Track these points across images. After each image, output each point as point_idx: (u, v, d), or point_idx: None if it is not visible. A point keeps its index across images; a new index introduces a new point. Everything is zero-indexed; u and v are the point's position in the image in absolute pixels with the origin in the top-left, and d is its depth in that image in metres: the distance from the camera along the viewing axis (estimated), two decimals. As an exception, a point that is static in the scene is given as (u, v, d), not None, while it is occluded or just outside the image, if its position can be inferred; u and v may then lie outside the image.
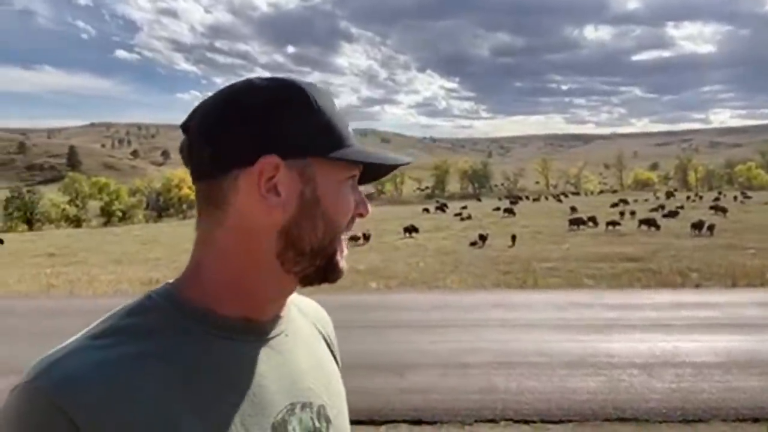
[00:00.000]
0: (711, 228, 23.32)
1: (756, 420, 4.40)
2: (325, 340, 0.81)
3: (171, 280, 0.66)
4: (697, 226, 23.81)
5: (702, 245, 19.04)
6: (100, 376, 0.52)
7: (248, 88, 0.64)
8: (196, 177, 0.64)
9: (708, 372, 5.50)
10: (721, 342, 6.52)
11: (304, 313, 0.79)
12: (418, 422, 4.49)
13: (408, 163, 0.71)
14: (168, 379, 0.56)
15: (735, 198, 53.60)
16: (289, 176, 0.62)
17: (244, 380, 0.61)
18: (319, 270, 0.66)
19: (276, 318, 0.69)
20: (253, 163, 0.61)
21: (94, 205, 68.09)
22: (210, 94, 0.67)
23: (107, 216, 66.01)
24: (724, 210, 34.44)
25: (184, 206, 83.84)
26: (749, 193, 60.21)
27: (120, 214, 67.13)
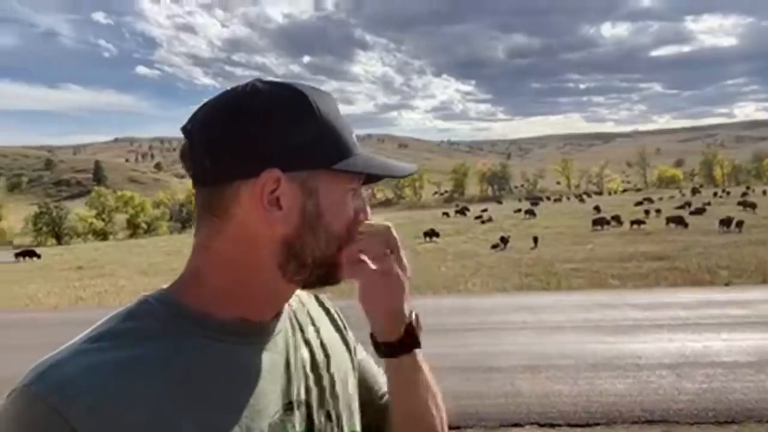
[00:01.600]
0: (740, 224, 22.72)
1: (792, 420, 4.25)
2: (332, 327, 0.80)
3: (165, 285, 0.66)
4: (726, 222, 23.22)
5: (731, 242, 18.56)
6: (97, 380, 0.52)
7: (250, 93, 0.63)
8: (197, 183, 0.64)
9: (740, 372, 5.35)
10: (752, 341, 6.34)
11: (307, 308, 0.78)
12: (442, 427, 4.46)
13: (412, 173, 0.71)
14: (164, 382, 0.56)
15: (764, 192, 52.17)
16: (291, 189, 0.62)
17: (241, 382, 0.61)
18: (321, 278, 0.66)
19: (275, 318, 0.69)
20: (254, 174, 0.60)
21: (120, 218, 69.51)
22: None
23: (133, 228, 67.32)
24: (753, 205, 33.54)
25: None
26: (779, 187, 58.48)
27: (145, 226, 68.38)
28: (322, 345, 0.76)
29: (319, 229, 0.63)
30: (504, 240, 21.92)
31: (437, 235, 27.03)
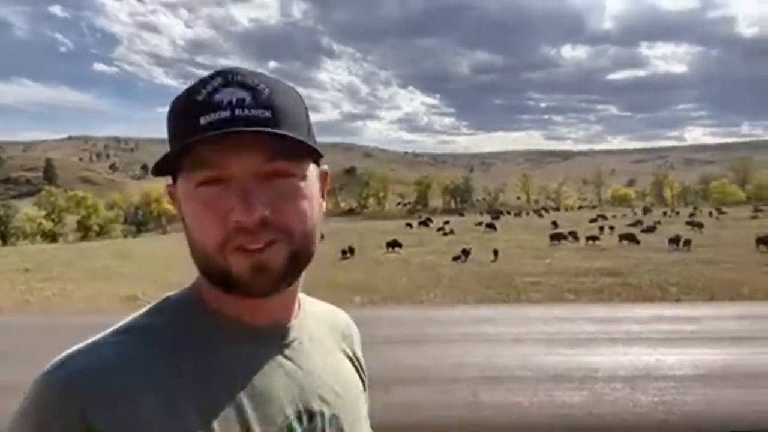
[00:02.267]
0: (688, 243, 23.82)
1: (738, 432, 4.45)
2: (347, 353, 0.80)
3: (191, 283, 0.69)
4: (675, 241, 24.31)
5: (680, 260, 19.41)
6: (112, 372, 0.55)
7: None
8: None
9: (690, 385, 5.57)
10: (701, 355, 6.62)
11: (324, 321, 0.78)
12: (404, 438, 4.45)
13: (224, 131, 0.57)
14: (175, 378, 0.57)
15: (710, 214, 54.87)
16: (175, 197, 0.65)
17: (250, 385, 0.61)
18: (224, 286, 0.62)
19: (283, 325, 0.69)
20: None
21: (71, 220, 66.71)
22: None
23: (84, 230, 64.66)
24: (700, 225, 35.25)
25: (164, 221, 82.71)
26: (723, 209, 61.70)
27: (97, 228, 65.78)
28: (337, 357, 0.77)
29: (189, 236, 0.63)
30: (465, 252, 22.25)
31: (400, 245, 27.20)
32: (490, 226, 41.82)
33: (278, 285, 0.61)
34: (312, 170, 0.65)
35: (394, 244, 26.95)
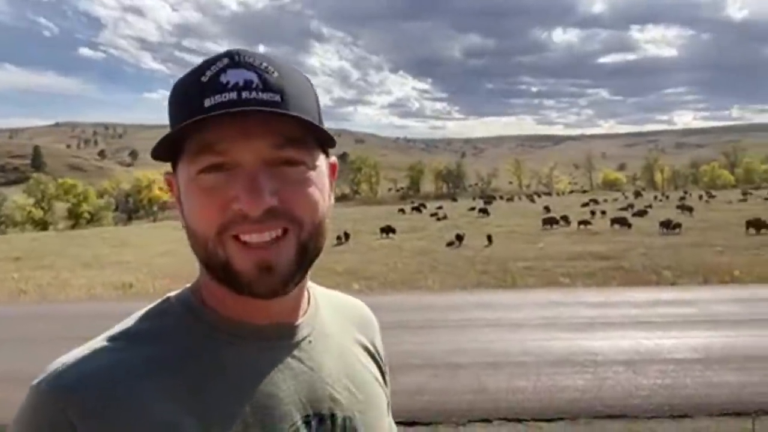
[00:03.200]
0: (678, 226, 24.04)
1: (738, 414, 4.54)
2: (365, 346, 0.74)
3: (190, 284, 0.65)
4: (666, 224, 24.50)
5: (671, 243, 19.60)
6: (105, 381, 0.52)
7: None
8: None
9: (690, 368, 5.66)
10: (700, 338, 6.72)
11: (341, 316, 0.73)
12: (411, 423, 4.49)
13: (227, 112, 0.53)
14: (174, 385, 0.54)
15: (700, 197, 55.33)
16: (175, 186, 0.62)
17: (252, 388, 0.58)
18: (226, 283, 0.57)
19: (290, 323, 0.64)
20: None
21: (61, 207, 66.05)
22: None
23: (75, 218, 64.08)
24: (690, 209, 35.51)
25: (155, 208, 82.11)
26: (713, 192, 62.29)
27: (88, 216, 65.20)
28: (353, 354, 0.71)
29: (188, 226, 0.59)
30: (459, 238, 22.28)
31: (393, 231, 27.18)
32: (483, 211, 41.83)
33: (286, 285, 0.57)
34: (322, 160, 0.61)
35: (387, 230, 26.92)
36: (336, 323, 0.71)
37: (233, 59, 0.56)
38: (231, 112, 0.52)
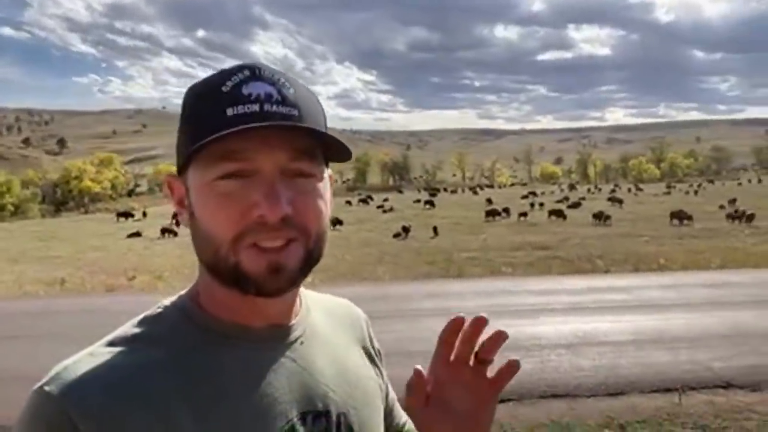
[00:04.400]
0: (608, 218, 25.47)
1: (668, 390, 4.94)
2: (357, 343, 0.77)
3: (185, 289, 0.67)
4: (598, 216, 25.86)
5: (603, 234, 20.72)
6: (106, 383, 0.54)
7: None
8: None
9: (624, 349, 6.09)
10: (632, 322, 7.22)
11: (331, 316, 0.76)
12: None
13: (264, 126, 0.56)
14: (172, 387, 0.56)
15: (629, 190, 58.76)
16: (181, 189, 0.63)
17: (249, 389, 0.60)
18: (234, 283, 0.59)
19: (284, 324, 0.66)
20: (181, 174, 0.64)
21: (-21, 199, 61.30)
22: (111, 78, 0.49)
23: (-4, 210, 59.73)
24: (620, 201, 37.63)
25: (86, 199, 77.76)
26: (641, 186, 66.22)
27: (12, 208, 60.96)
28: (346, 353, 0.73)
29: (199, 230, 0.60)
30: (405, 229, 22.58)
31: (341, 223, 27.18)
32: (429, 203, 42.57)
33: (291, 285, 0.60)
34: (326, 173, 0.64)
35: (334, 222, 26.96)
36: (327, 324, 0.74)
37: (254, 73, 0.59)
38: (263, 126, 0.55)
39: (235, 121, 0.55)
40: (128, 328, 0.61)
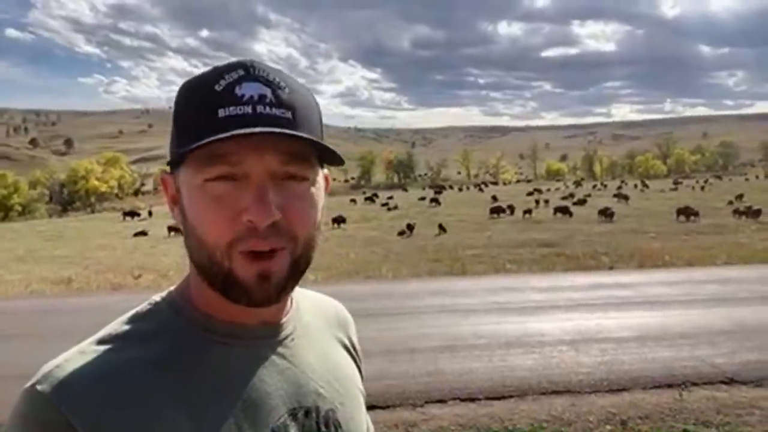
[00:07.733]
0: (613, 215, 25.38)
1: (669, 386, 4.95)
2: (343, 343, 0.79)
3: (174, 286, 0.67)
4: (604, 212, 25.77)
5: (608, 230, 20.63)
6: (98, 380, 0.54)
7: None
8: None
9: (627, 345, 6.09)
10: (635, 318, 7.21)
11: (320, 315, 0.77)
12: (371, 407, 4.61)
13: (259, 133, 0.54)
14: (164, 383, 0.56)
15: (635, 186, 58.35)
16: (174, 189, 0.62)
17: (241, 385, 0.60)
18: (223, 290, 0.59)
19: (275, 322, 0.67)
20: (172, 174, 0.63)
21: (-12, 199, 61.74)
22: (116, 78, 0.50)
23: (5, 211, 60.13)
24: (626, 198, 37.49)
25: (92, 199, 78.19)
26: (647, 182, 65.82)
27: (20, 208, 61.42)
28: (334, 351, 0.75)
29: (190, 233, 0.60)
30: (410, 227, 22.60)
31: (345, 221, 27.21)
32: (434, 200, 42.55)
33: (281, 294, 0.60)
34: (320, 175, 0.63)
35: (339, 220, 26.95)
36: (316, 322, 0.75)
37: (248, 71, 0.58)
38: (255, 132, 0.54)
39: (227, 123, 0.54)
40: (118, 325, 0.61)
